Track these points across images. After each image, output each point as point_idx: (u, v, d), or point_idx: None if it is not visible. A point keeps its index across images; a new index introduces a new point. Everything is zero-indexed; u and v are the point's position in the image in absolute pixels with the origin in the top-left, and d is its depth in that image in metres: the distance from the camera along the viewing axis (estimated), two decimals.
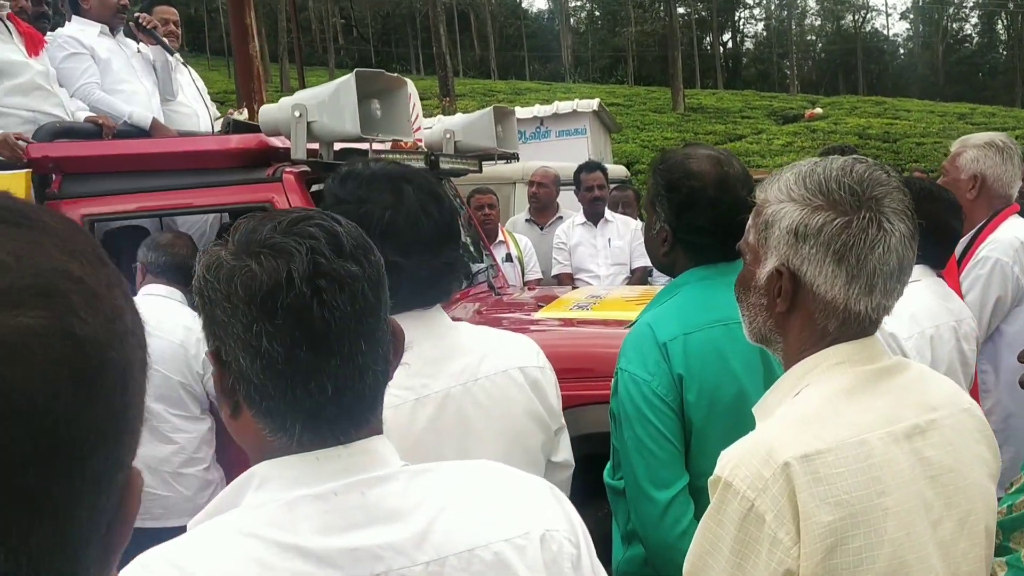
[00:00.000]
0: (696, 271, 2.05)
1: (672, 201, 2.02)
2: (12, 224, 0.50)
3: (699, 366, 1.91)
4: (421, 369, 1.62)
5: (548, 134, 12.06)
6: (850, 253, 1.30)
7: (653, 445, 1.89)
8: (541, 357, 1.83)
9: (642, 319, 2.05)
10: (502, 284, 4.79)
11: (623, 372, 1.96)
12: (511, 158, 5.05)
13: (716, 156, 2.05)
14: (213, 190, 3.52)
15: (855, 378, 1.34)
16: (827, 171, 1.35)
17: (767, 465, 1.24)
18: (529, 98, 30.70)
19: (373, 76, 3.43)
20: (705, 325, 1.95)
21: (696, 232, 2.00)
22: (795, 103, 38.56)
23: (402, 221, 1.62)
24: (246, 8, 9.22)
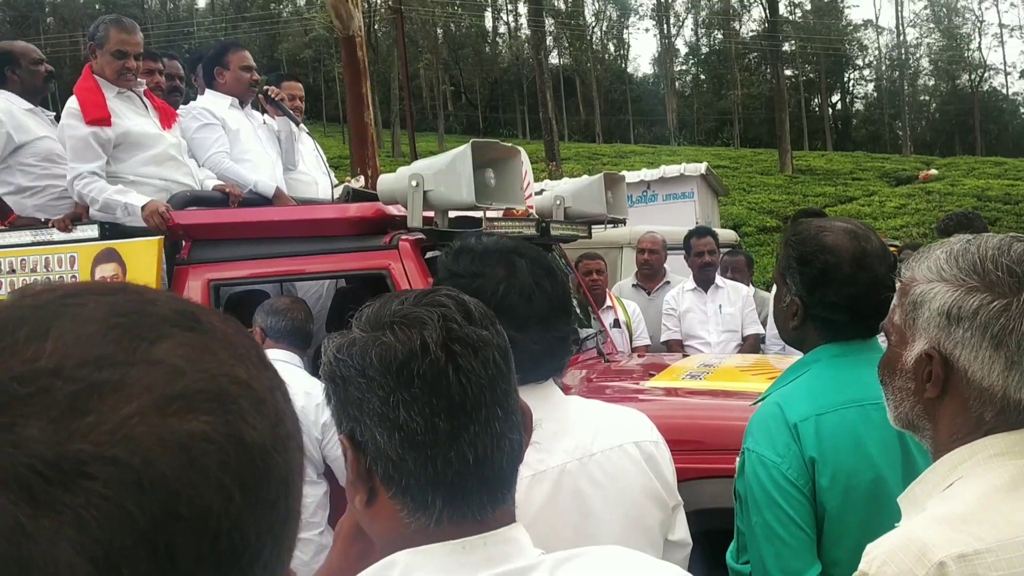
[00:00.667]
0: (828, 348, 1.96)
1: (804, 275, 1.95)
2: (185, 328, 0.51)
3: (833, 449, 1.81)
4: (537, 444, 1.61)
5: (655, 198, 12.04)
6: (1009, 338, 1.23)
7: (783, 532, 1.80)
8: (655, 431, 1.78)
9: (771, 398, 1.97)
10: (611, 351, 4.74)
11: (750, 453, 1.88)
12: (619, 223, 5.06)
13: (853, 230, 1.96)
14: (332, 256, 3.62)
15: (1017, 472, 1.25)
16: (982, 250, 1.28)
17: (920, 564, 1.17)
18: (634, 161, 30.81)
19: (487, 146, 3.49)
20: (839, 406, 1.86)
21: (829, 308, 1.93)
22: (908, 164, 37.54)
23: (515, 295, 1.62)
24: (362, 79, 9.60)
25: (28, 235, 3.96)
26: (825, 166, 36.87)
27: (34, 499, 0.42)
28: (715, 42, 69.62)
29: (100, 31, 4.06)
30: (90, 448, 0.43)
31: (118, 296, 0.51)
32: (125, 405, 0.45)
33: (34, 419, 0.43)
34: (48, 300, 0.50)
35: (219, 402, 0.48)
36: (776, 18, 47.06)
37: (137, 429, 0.45)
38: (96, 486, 0.43)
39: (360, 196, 4.19)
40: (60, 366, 0.45)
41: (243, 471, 0.48)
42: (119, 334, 0.48)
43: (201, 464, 0.46)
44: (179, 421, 0.46)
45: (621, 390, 3.82)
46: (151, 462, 0.44)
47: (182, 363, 0.48)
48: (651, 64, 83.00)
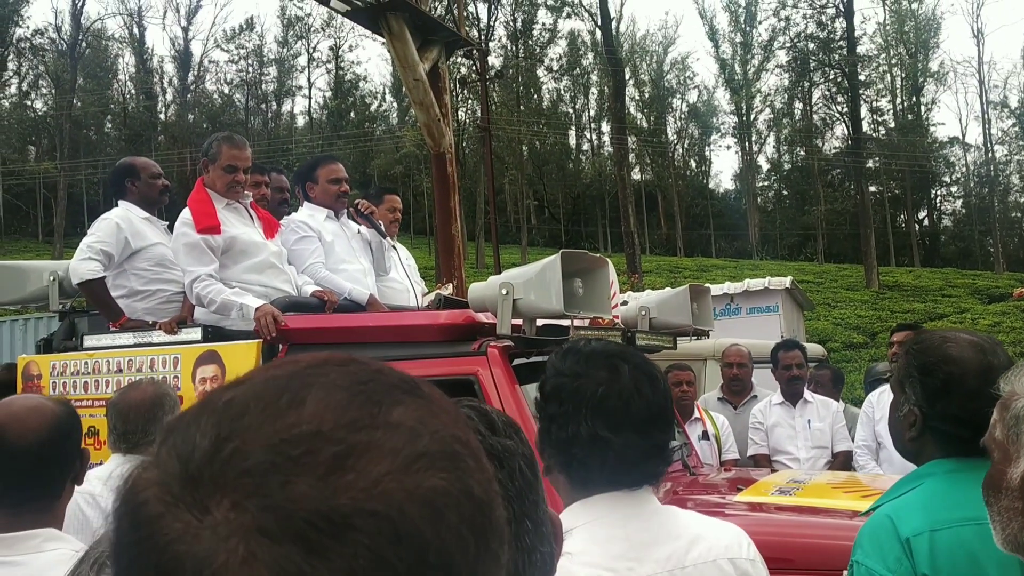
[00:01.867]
0: (943, 462, 1.90)
1: (926, 385, 1.91)
2: (412, 394, 0.56)
3: (948, 568, 1.73)
4: (626, 552, 1.60)
5: (738, 311, 11.96)
6: None
7: None
8: (752, 548, 1.77)
9: (881, 510, 1.90)
10: (696, 463, 4.67)
11: (859, 566, 1.80)
12: (704, 335, 5.05)
13: (979, 343, 1.92)
14: (423, 362, 3.70)
15: None
16: None
17: None
18: (715, 275, 30.70)
19: (576, 256, 3.58)
20: (955, 523, 1.78)
21: (950, 421, 1.87)
22: (1001, 281, 36.51)
23: (615, 398, 1.64)
24: (451, 193, 9.90)
25: (135, 337, 4.17)
26: (913, 282, 36.14)
27: (311, 549, 0.47)
28: (798, 158, 69.71)
29: (213, 147, 4.35)
30: (353, 503, 0.48)
31: (352, 367, 0.57)
32: (378, 464, 0.50)
33: (305, 477, 0.49)
34: (297, 371, 0.56)
35: (451, 460, 0.53)
36: (859, 135, 47.09)
37: (390, 485, 0.49)
38: (361, 537, 0.48)
39: (450, 304, 4.31)
40: (320, 429, 0.51)
41: (475, 522, 0.52)
42: (363, 400, 0.54)
43: (444, 516, 0.51)
44: (423, 478, 0.51)
45: (707, 503, 3.75)
46: (405, 515, 0.49)
47: (418, 425, 0.53)
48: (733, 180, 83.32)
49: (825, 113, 61.21)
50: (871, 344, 24.28)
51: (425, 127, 9.15)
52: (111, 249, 4.35)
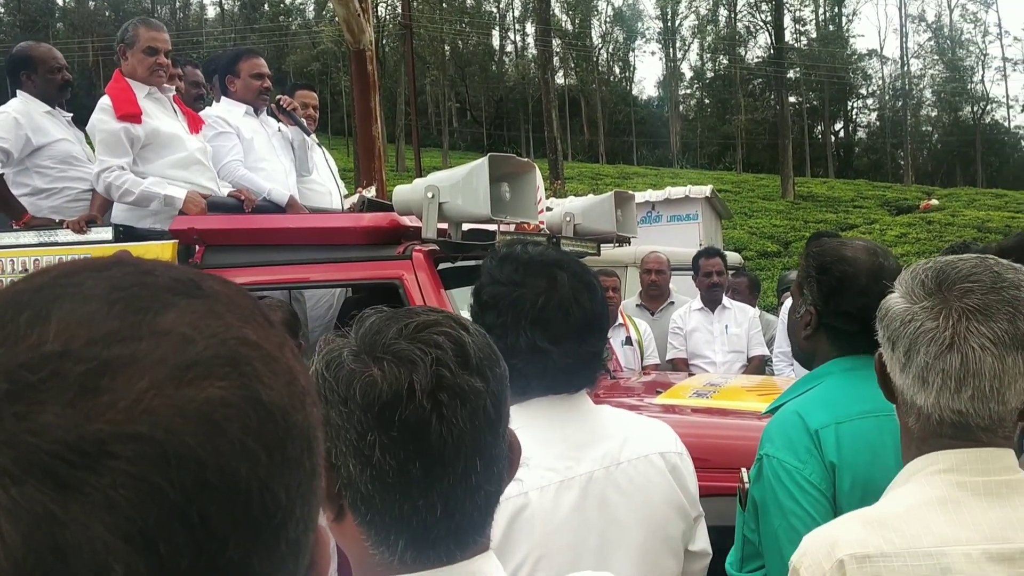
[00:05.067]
0: (840, 361, 2.01)
1: (822, 284, 2.01)
2: (188, 295, 0.50)
3: (852, 456, 1.84)
4: (565, 452, 1.62)
5: (659, 219, 12.09)
6: (900, 339, 1.29)
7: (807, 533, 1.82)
8: (679, 443, 1.80)
9: (788, 407, 1.99)
10: (617, 367, 4.76)
11: (770, 459, 1.87)
12: (627, 242, 5.08)
13: (871, 247, 2.05)
14: (345, 265, 3.64)
15: (957, 488, 1.28)
16: (927, 263, 1.35)
17: (828, 558, 1.24)
18: (636, 183, 30.91)
19: (504, 160, 3.52)
20: (856, 416, 1.89)
21: (841, 318, 1.98)
22: (910, 194, 37.68)
23: (554, 308, 1.63)
24: (371, 92, 9.65)
25: (40, 236, 3.98)
26: (827, 193, 37.01)
27: (61, 485, 0.41)
28: (720, 67, 69.96)
29: (129, 32, 4.10)
30: (109, 427, 0.42)
31: (114, 270, 0.50)
32: (139, 380, 0.44)
33: (49, 404, 0.42)
34: (44, 283, 0.49)
35: (233, 366, 0.47)
36: (781, 45, 47.39)
37: (155, 402, 0.44)
38: (121, 464, 0.42)
39: (374, 206, 4.22)
40: (67, 348, 0.44)
41: (265, 432, 0.47)
42: (122, 309, 0.47)
43: (224, 430, 0.45)
44: (196, 390, 0.45)
45: (627, 406, 3.81)
46: (173, 434, 0.44)
47: (190, 331, 0.47)
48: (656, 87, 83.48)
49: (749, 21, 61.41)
50: (785, 253, 24.96)
51: (344, 22, 8.84)
52: (9, 146, 4.09)
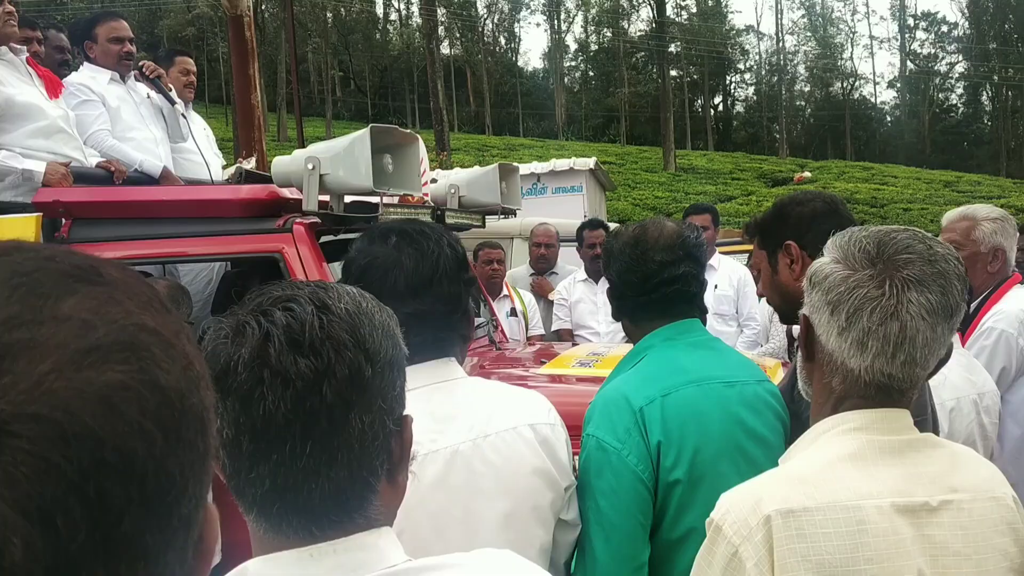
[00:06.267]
0: (659, 332, 2.06)
1: (604, 261, 2.15)
2: (88, 282, 0.51)
3: (678, 428, 1.87)
4: (430, 425, 1.61)
5: (544, 190, 12.18)
6: (842, 305, 1.34)
7: (617, 519, 1.80)
8: (552, 414, 1.80)
9: (612, 384, 2.00)
10: (502, 339, 4.79)
11: (591, 438, 1.86)
12: (512, 213, 5.09)
13: (644, 222, 2.18)
14: (222, 239, 3.52)
15: (867, 446, 1.35)
16: (860, 232, 1.40)
17: (753, 514, 1.27)
18: (523, 154, 31.04)
19: (386, 131, 3.47)
20: (680, 385, 1.93)
21: (615, 289, 2.11)
22: (784, 166, 39.11)
23: (376, 270, 1.66)
24: (250, 60, 9.32)
25: None
26: (707, 165, 38.03)
27: None
28: (604, 40, 70.70)
29: None
30: (10, 408, 0.44)
31: (16, 256, 0.51)
32: (40, 363, 0.45)
33: None
34: None
35: (132, 351, 0.49)
36: (663, 19, 48.22)
37: (55, 385, 0.45)
38: (22, 443, 0.43)
39: (253, 178, 4.09)
40: None
41: (162, 414, 0.49)
42: (24, 294, 0.48)
43: (122, 412, 0.47)
44: (96, 373, 0.47)
45: (511, 377, 3.85)
46: (73, 415, 0.45)
47: (91, 316, 0.49)
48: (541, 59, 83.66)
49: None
50: None
51: None
52: None
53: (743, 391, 2.01)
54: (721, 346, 2.18)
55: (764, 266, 2.38)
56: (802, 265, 2.33)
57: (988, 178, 39.58)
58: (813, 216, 2.28)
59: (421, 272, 1.66)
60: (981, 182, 35.92)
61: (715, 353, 2.10)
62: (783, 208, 2.35)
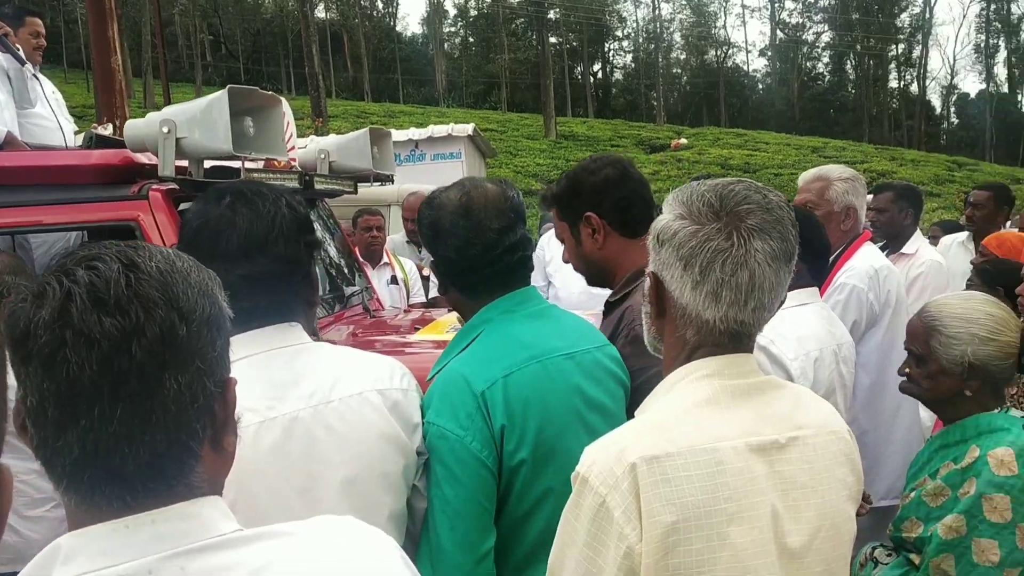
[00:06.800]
0: (496, 305, 1.97)
1: (425, 238, 2.01)
2: None
3: (521, 410, 1.81)
4: (267, 391, 1.57)
5: (423, 157, 12.07)
6: (695, 260, 1.36)
7: (462, 506, 1.75)
8: (405, 379, 1.77)
9: (451, 366, 1.91)
10: (378, 306, 4.73)
11: (432, 426, 1.79)
12: (387, 180, 5.02)
13: (463, 183, 2.02)
14: (73, 207, 3.34)
15: (720, 390, 1.39)
16: (700, 186, 1.43)
17: (619, 463, 1.29)
18: (403, 121, 30.69)
19: (246, 93, 3.34)
20: (522, 363, 1.86)
21: (450, 264, 1.97)
22: (662, 133, 39.90)
23: (208, 231, 1.60)
24: (108, 20, 8.86)
25: None
26: (587, 133, 38.45)
27: None
28: (483, 5, 70.30)
29: None
30: None
31: None
32: None
33: None
34: None
35: None
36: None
37: None
38: None
39: (105, 143, 3.88)
40: None
41: None
42: None
43: None
44: None
45: (386, 343, 3.81)
46: None
47: None
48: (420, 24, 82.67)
49: None
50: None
51: None
52: None
53: (582, 360, 1.98)
54: (559, 314, 2.11)
55: (567, 237, 2.41)
56: (604, 234, 2.39)
57: (852, 144, 41.41)
58: (606, 184, 2.36)
59: (255, 233, 1.60)
60: (846, 147, 37.53)
61: (553, 322, 2.04)
62: (576, 179, 2.39)
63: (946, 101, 74.42)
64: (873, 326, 3.37)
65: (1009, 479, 2.06)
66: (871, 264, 3.37)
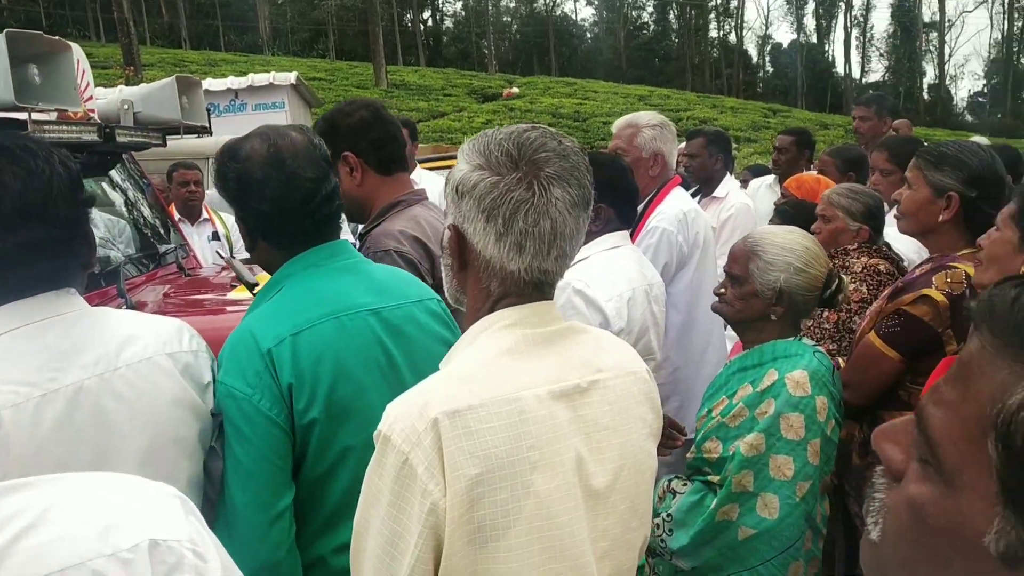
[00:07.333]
0: (300, 259, 1.92)
1: (229, 192, 1.92)
2: None
3: (311, 368, 1.77)
4: (47, 363, 1.47)
5: (244, 107, 11.62)
6: (498, 211, 1.35)
7: (253, 467, 1.72)
8: (194, 340, 1.73)
9: (242, 323, 1.86)
10: (194, 265, 4.54)
11: (221, 385, 1.75)
12: (202, 132, 4.78)
13: (266, 132, 1.94)
14: None
15: (522, 339, 1.39)
16: (495, 135, 1.41)
17: (421, 419, 1.27)
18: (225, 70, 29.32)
19: (29, 38, 3.07)
20: (315, 321, 1.81)
21: (263, 217, 1.89)
22: (494, 82, 39.95)
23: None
24: None
25: None
26: (419, 81, 37.98)
27: None
28: None
29: None
30: None
31: None
32: None
33: None
34: None
35: None
36: None
37: None
38: None
39: None
40: None
41: None
42: None
43: None
44: None
45: (200, 303, 3.68)
46: None
47: None
48: None
49: None
50: None
51: None
52: None
53: (391, 316, 1.94)
54: (371, 268, 2.06)
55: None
56: (362, 172, 2.56)
57: (676, 92, 42.83)
58: (362, 125, 2.51)
59: (31, 194, 1.46)
60: (670, 96, 38.78)
61: (363, 277, 1.98)
62: (333, 121, 2.49)
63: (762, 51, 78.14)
64: (683, 267, 3.51)
65: (804, 399, 2.24)
66: (680, 208, 3.50)
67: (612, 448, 1.43)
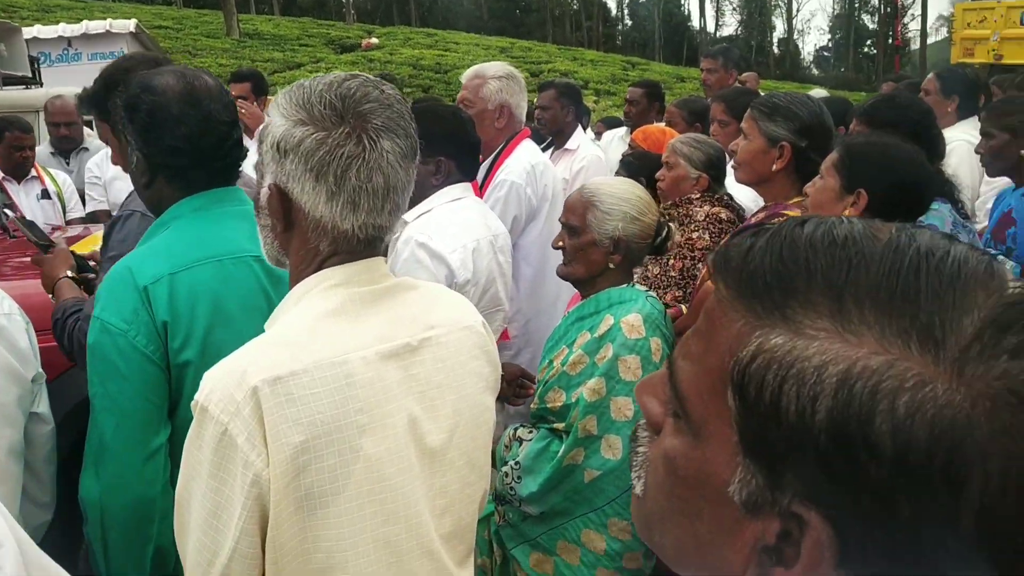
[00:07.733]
0: (190, 201, 1.90)
1: (136, 123, 1.88)
2: None
3: (188, 310, 1.77)
4: None
5: (78, 57, 10.91)
6: (327, 169, 1.29)
7: (127, 404, 1.71)
8: (5, 303, 1.71)
9: (121, 260, 1.84)
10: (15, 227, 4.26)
11: (97, 320, 1.74)
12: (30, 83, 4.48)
13: (181, 71, 1.95)
14: None
15: (349, 299, 1.35)
16: (314, 86, 1.33)
17: (239, 388, 1.22)
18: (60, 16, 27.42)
19: None
20: (194, 263, 1.81)
21: (171, 154, 1.88)
22: (352, 32, 38.97)
23: None
24: None
25: None
26: (273, 31, 36.67)
27: None
28: None
29: None
30: None
31: None
32: None
33: None
34: None
35: None
36: None
37: None
38: None
39: None
40: None
41: None
42: None
43: None
44: None
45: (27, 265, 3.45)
46: None
47: None
48: None
49: None
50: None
51: None
52: None
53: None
54: None
55: (111, 138, 2.36)
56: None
57: (538, 44, 42.86)
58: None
59: None
60: (531, 48, 38.78)
61: (251, 223, 1.90)
62: (111, 77, 2.34)
63: (620, 3, 79.13)
64: (533, 219, 3.53)
65: (639, 341, 2.31)
66: (528, 160, 3.50)
67: (447, 405, 1.41)
